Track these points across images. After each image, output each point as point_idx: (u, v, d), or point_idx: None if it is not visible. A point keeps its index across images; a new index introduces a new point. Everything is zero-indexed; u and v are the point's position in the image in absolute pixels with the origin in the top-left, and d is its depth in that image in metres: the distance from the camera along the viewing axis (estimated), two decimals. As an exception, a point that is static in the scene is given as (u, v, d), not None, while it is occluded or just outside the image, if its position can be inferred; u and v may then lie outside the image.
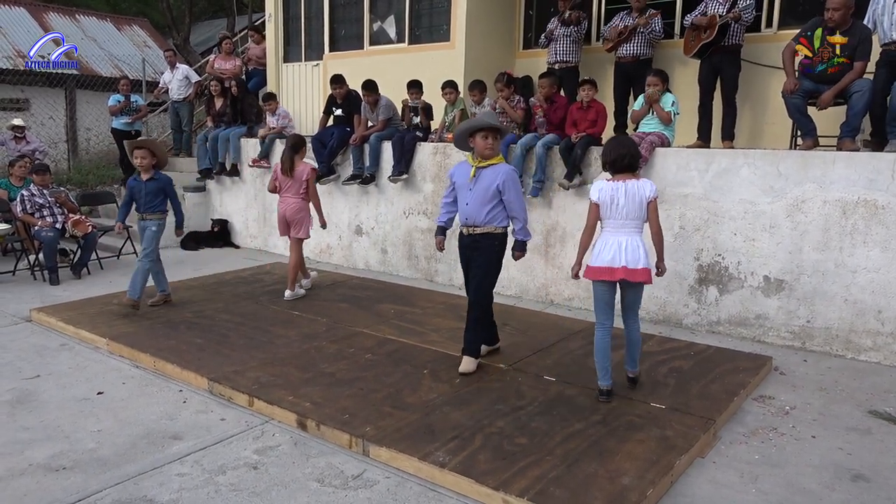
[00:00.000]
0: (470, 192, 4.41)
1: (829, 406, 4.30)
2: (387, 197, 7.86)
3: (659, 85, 5.94)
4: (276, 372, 4.54)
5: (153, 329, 5.44)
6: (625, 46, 7.13)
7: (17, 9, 15.63)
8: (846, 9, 5.24)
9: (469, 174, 4.42)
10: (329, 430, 3.75)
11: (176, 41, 17.69)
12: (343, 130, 8.06)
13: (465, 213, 4.48)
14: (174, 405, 4.20)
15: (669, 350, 5.10)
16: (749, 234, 5.52)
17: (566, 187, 6.29)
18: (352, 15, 9.54)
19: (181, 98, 10.38)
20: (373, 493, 3.22)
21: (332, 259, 8.55)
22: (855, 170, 5.04)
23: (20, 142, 9.45)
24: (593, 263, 4.04)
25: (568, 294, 6.59)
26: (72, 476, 3.34)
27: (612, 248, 3.98)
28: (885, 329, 5.04)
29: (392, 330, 5.52)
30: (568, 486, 3.13)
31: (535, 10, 8.70)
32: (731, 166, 5.57)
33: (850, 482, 3.39)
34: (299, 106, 10.43)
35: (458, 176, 4.52)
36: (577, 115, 6.41)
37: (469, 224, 4.48)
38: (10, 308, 6.28)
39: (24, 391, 4.37)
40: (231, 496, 3.18)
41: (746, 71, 6.74)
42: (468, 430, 3.71)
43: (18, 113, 13.07)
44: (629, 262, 3.93)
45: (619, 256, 3.95)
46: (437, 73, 7.98)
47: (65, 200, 7.72)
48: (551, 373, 4.60)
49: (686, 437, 3.65)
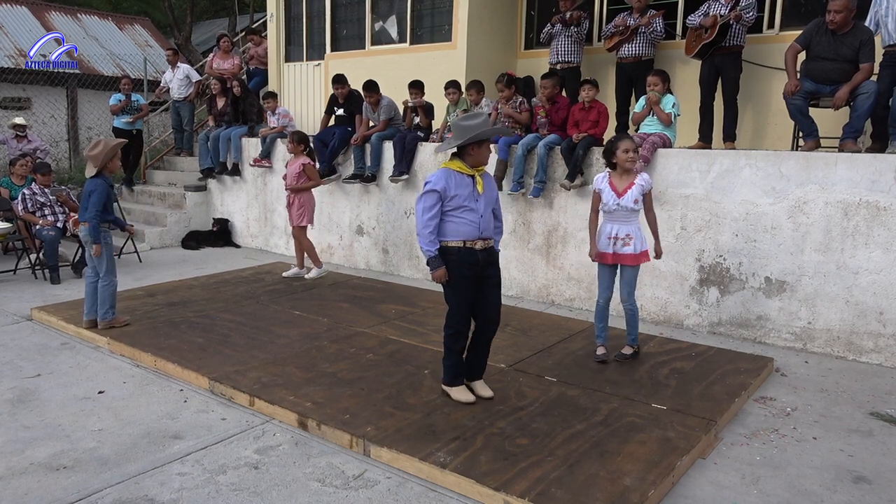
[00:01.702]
0: (478, 202, 3.99)
1: (830, 408, 4.30)
2: (388, 197, 7.86)
3: (659, 85, 5.94)
4: (277, 372, 4.54)
5: (154, 328, 5.44)
6: (626, 47, 7.12)
7: (18, 7, 15.65)
8: (848, 11, 5.24)
9: (471, 184, 3.98)
10: (330, 429, 3.75)
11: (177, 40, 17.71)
12: (345, 130, 8.06)
13: (481, 226, 4.01)
14: (175, 405, 4.20)
15: (671, 351, 5.10)
16: (750, 235, 5.52)
17: (567, 188, 6.29)
18: (353, 15, 9.54)
19: (182, 97, 10.39)
20: (373, 494, 3.22)
21: (333, 259, 8.55)
22: (857, 171, 5.04)
23: (22, 140, 9.45)
24: None
25: (569, 295, 6.58)
26: (72, 475, 3.34)
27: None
28: (886, 331, 5.04)
29: (393, 330, 5.52)
30: (569, 487, 3.13)
31: (537, 11, 8.70)
32: (732, 167, 5.57)
33: (851, 484, 3.38)
34: (301, 106, 10.43)
35: (457, 188, 3.94)
36: (578, 116, 6.41)
37: (485, 237, 4.04)
38: (11, 307, 6.28)
39: (24, 390, 4.37)
40: (232, 496, 3.18)
41: (748, 72, 6.74)
42: (469, 430, 3.70)
43: (20, 111, 13.10)
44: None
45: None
46: (438, 73, 7.98)
47: (66, 199, 7.72)
48: (552, 373, 4.60)
49: (687, 438, 3.64)
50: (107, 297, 5.36)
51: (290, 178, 7.10)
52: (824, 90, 5.50)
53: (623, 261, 4.65)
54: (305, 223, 7.12)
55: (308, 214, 7.12)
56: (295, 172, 7.06)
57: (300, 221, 7.11)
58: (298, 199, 7.08)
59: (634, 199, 4.56)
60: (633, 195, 4.56)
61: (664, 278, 5.99)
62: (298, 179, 7.06)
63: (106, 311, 5.36)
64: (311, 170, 7.14)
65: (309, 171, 7.10)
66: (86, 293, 5.44)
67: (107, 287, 5.35)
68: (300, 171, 7.05)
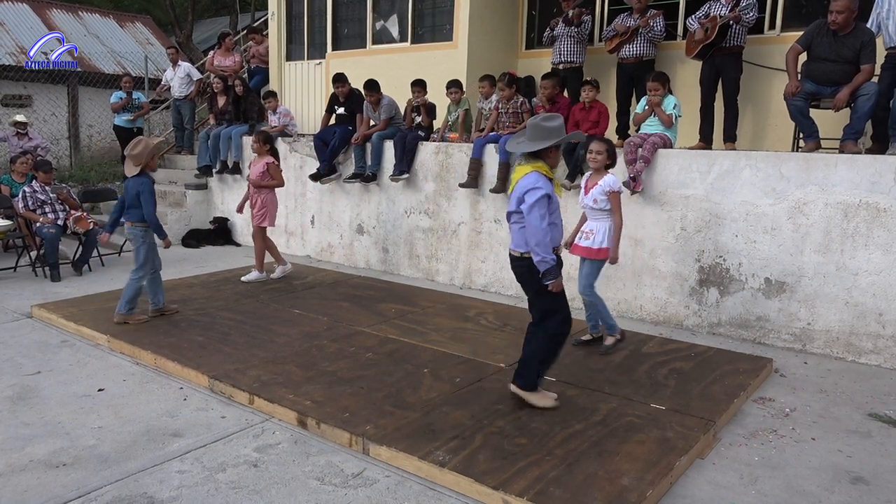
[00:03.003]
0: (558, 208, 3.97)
1: (829, 408, 4.30)
2: (388, 196, 7.86)
3: (660, 89, 5.94)
4: (276, 370, 4.54)
5: (154, 326, 5.44)
6: (627, 47, 7.12)
7: (20, 5, 15.64)
8: (850, 11, 5.24)
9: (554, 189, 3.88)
10: (329, 428, 3.75)
11: (178, 39, 17.69)
12: (345, 129, 8.06)
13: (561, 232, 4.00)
14: (175, 402, 4.21)
15: (670, 351, 5.11)
16: (750, 236, 5.52)
17: (567, 188, 6.29)
18: (354, 14, 9.55)
19: (183, 96, 10.38)
20: (372, 492, 3.22)
21: (334, 258, 8.56)
22: (857, 172, 5.04)
23: (22, 138, 9.46)
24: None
25: (568, 294, 6.56)
26: (72, 472, 3.35)
27: None
28: (885, 332, 5.04)
29: (393, 329, 5.52)
30: (568, 487, 3.13)
31: (538, 11, 8.70)
32: (732, 168, 5.57)
33: (849, 485, 3.39)
34: (302, 104, 10.43)
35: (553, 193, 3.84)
36: (579, 116, 6.42)
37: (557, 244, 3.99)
38: (12, 304, 6.29)
39: (24, 387, 4.38)
40: (231, 494, 3.18)
41: (749, 73, 6.74)
42: (468, 429, 3.71)
43: (21, 109, 13.09)
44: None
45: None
46: (439, 72, 7.98)
47: (66, 197, 7.73)
48: (551, 373, 4.57)
49: (686, 438, 3.65)
50: (131, 292, 5.52)
51: (254, 176, 7.00)
52: (825, 91, 5.50)
53: (578, 252, 4.85)
54: (266, 224, 7.00)
55: (270, 215, 7.00)
56: (259, 172, 6.96)
57: (261, 222, 6.97)
58: (261, 199, 6.94)
59: (594, 199, 4.74)
60: (594, 194, 4.73)
61: (664, 278, 5.99)
62: (262, 179, 6.96)
63: (124, 304, 5.51)
64: (276, 169, 7.04)
65: (273, 171, 7.00)
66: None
67: (135, 282, 5.52)
68: (264, 171, 6.95)
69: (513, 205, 3.87)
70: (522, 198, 3.77)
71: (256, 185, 6.93)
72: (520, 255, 3.92)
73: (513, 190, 3.89)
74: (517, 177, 3.87)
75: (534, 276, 3.87)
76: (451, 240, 7.36)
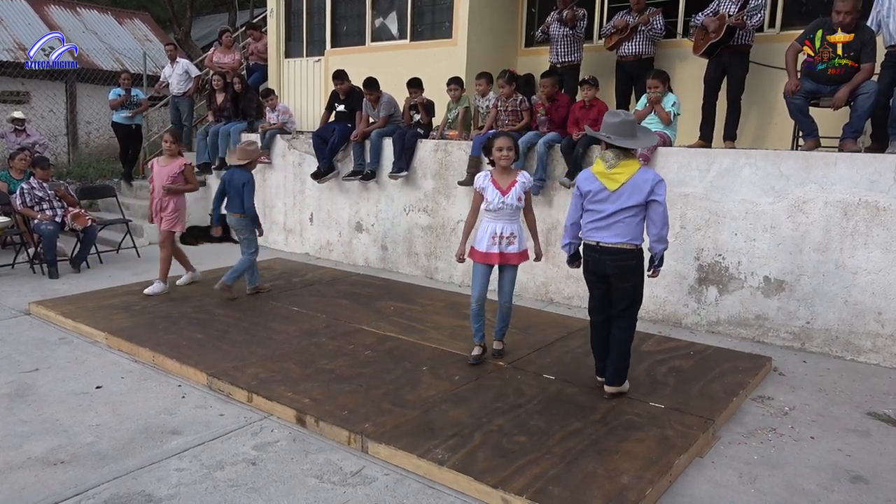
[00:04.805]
0: None
1: (828, 407, 4.31)
2: (387, 194, 7.85)
3: (660, 87, 5.94)
4: (275, 368, 4.53)
5: (152, 324, 5.43)
6: (626, 45, 7.11)
7: (18, 1, 15.59)
8: (856, 12, 5.22)
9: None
10: (328, 426, 3.75)
11: (177, 35, 17.65)
12: (344, 127, 8.04)
13: None
14: (173, 400, 4.20)
15: (669, 349, 5.10)
16: (750, 235, 5.52)
17: (567, 186, 6.28)
18: (354, 11, 9.52)
19: (181, 93, 10.35)
20: (371, 490, 3.22)
21: (332, 255, 8.54)
22: (857, 171, 5.04)
23: (20, 135, 9.44)
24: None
25: (567, 293, 6.59)
26: (70, 470, 3.34)
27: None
28: (884, 331, 5.04)
29: (392, 327, 5.51)
30: (567, 485, 3.13)
31: (538, 8, 8.68)
32: (732, 166, 5.56)
33: (848, 483, 3.39)
34: (300, 102, 10.41)
35: None
36: (579, 114, 6.41)
37: None
38: (10, 301, 6.27)
39: (22, 384, 4.37)
40: (229, 491, 3.17)
41: (750, 71, 6.72)
42: (467, 427, 3.70)
43: (19, 106, 13.05)
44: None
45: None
46: (438, 70, 7.96)
47: (64, 194, 7.70)
48: (551, 371, 4.60)
49: (685, 436, 3.65)
50: (243, 267, 6.21)
51: (166, 178, 6.38)
52: (824, 90, 5.49)
53: (510, 260, 4.62)
54: (178, 229, 6.53)
55: (182, 220, 6.53)
56: (174, 173, 6.38)
57: (173, 226, 6.45)
58: (174, 202, 6.42)
59: (518, 197, 4.56)
60: (517, 192, 4.56)
61: (663, 277, 5.97)
62: (176, 181, 6.41)
63: (231, 276, 6.15)
64: (191, 172, 6.57)
65: (188, 174, 6.50)
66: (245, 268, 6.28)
67: (248, 258, 6.25)
68: (179, 172, 6.41)
69: (633, 198, 3.87)
70: (652, 189, 3.85)
71: (173, 190, 6.39)
72: (633, 247, 3.96)
73: (622, 185, 3.87)
74: (629, 171, 3.88)
75: (639, 267, 4.02)
76: (450, 238, 7.34)
